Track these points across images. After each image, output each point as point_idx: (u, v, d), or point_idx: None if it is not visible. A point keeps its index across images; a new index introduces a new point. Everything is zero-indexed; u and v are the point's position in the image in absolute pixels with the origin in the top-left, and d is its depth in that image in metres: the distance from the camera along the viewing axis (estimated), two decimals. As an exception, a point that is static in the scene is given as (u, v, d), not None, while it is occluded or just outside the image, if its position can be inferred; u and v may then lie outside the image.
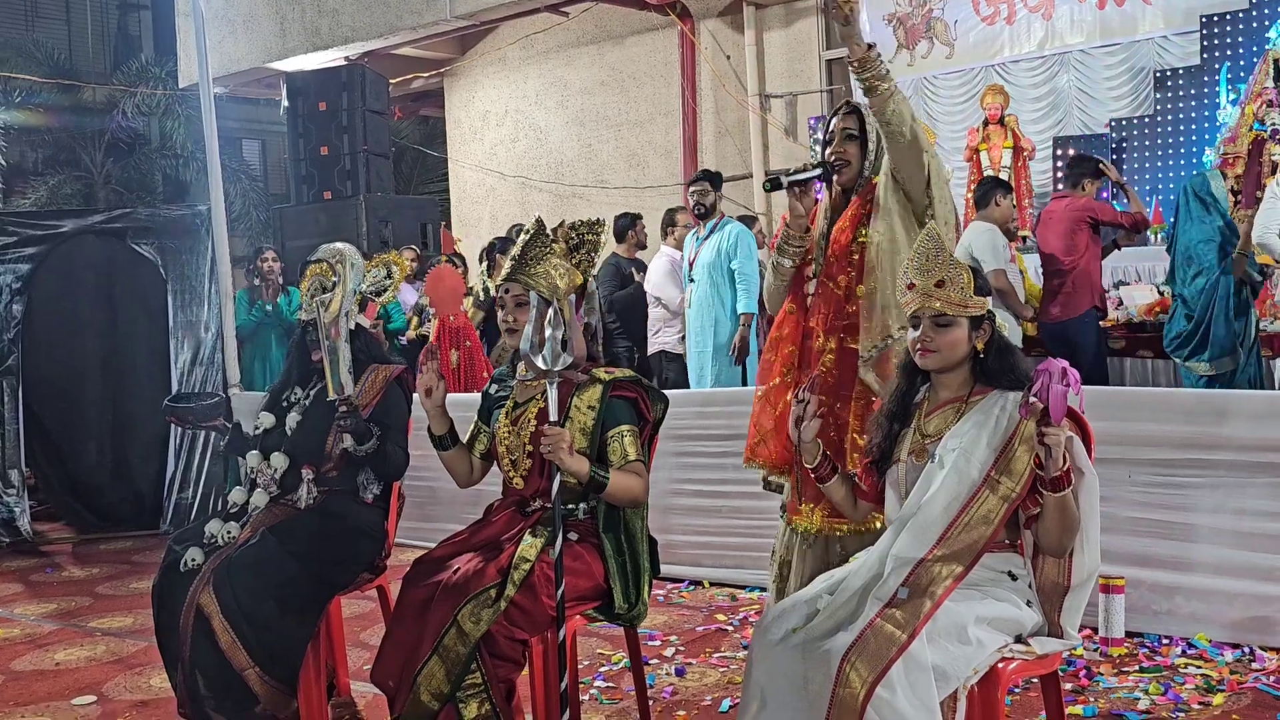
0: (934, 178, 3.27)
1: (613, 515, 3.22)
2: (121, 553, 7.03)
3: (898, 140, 3.21)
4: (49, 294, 7.58)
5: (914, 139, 3.22)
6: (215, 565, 3.47)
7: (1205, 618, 4.14)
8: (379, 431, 3.67)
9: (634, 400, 3.23)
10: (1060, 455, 2.42)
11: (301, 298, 3.72)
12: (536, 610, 2.99)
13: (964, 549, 2.52)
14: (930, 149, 3.28)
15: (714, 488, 5.39)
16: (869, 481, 2.86)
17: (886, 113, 3.19)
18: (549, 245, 3.21)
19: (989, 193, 6.64)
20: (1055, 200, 7.16)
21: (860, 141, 3.41)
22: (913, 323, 2.72)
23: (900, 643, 2.37)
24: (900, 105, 3.19)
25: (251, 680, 3.42)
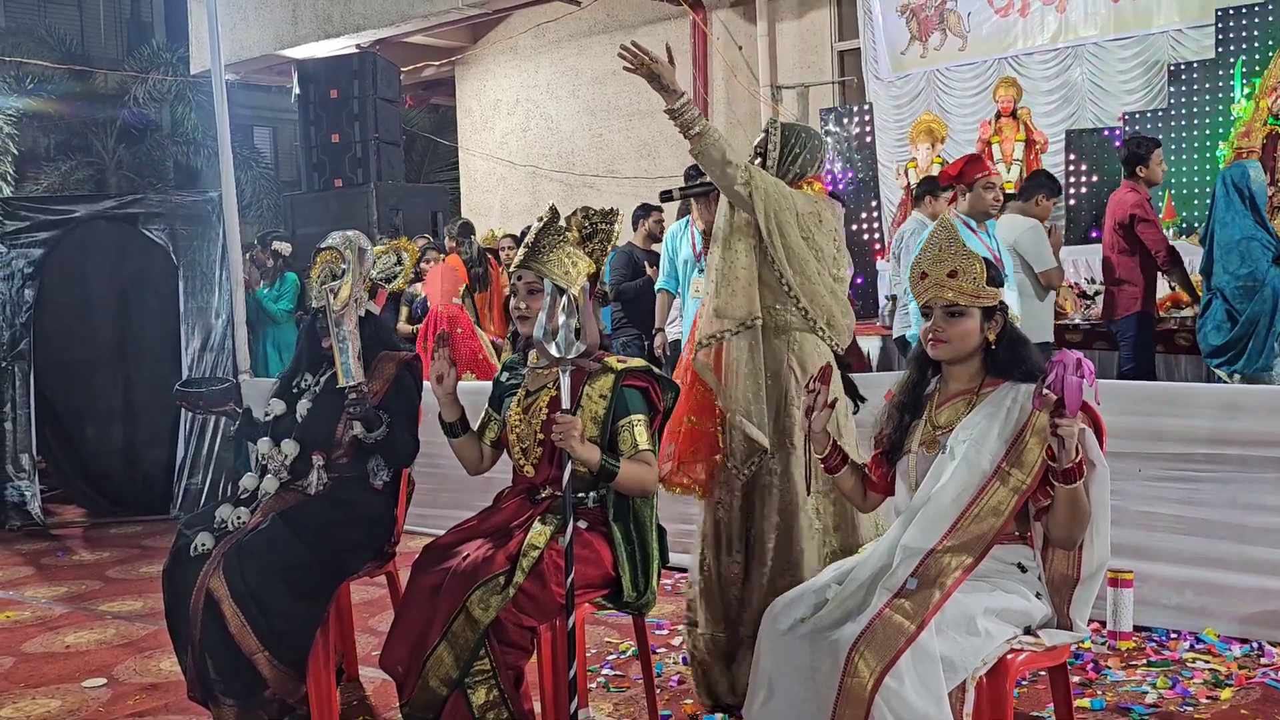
0: (767, 221, 3.44)
1: (622, 504, 3.23)
2: (132, 537, 7.05)
3: (716, 181, 3.47)
4: (61, 279, 7.60)
5: (728, 182, 3.43)
6: (225, 550, 3.48)
7: (1214, 612, 4.14)
8: (388, 418, 3.68)
9: (645, 389, 3.24)
10: (1073, 447, 2.42)
11: (312, 284, 3.72)
12: (545, 598, 2.99)
13: (973, 540, 2.52)
14: (774, 196, 3.43)
15: (723, 478, 5.38)
16: (879, 472, 2.86)
17: (697, 158, 3.45)
18: (562, 234, 3.21)
19: (1035, 189, 6.57)
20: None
21: (761, 162, 3.62)
22: (924, 313, 2.72)
23: (909, 633, 2.38)
24: (709, 150, 3.40)
25: (261, 664, 3.43)
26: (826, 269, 3.54)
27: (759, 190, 3.40)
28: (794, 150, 3.62)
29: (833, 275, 3.56)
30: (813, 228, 3.51)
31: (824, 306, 3.51)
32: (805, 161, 3.63)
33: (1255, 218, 5.89)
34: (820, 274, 3.51)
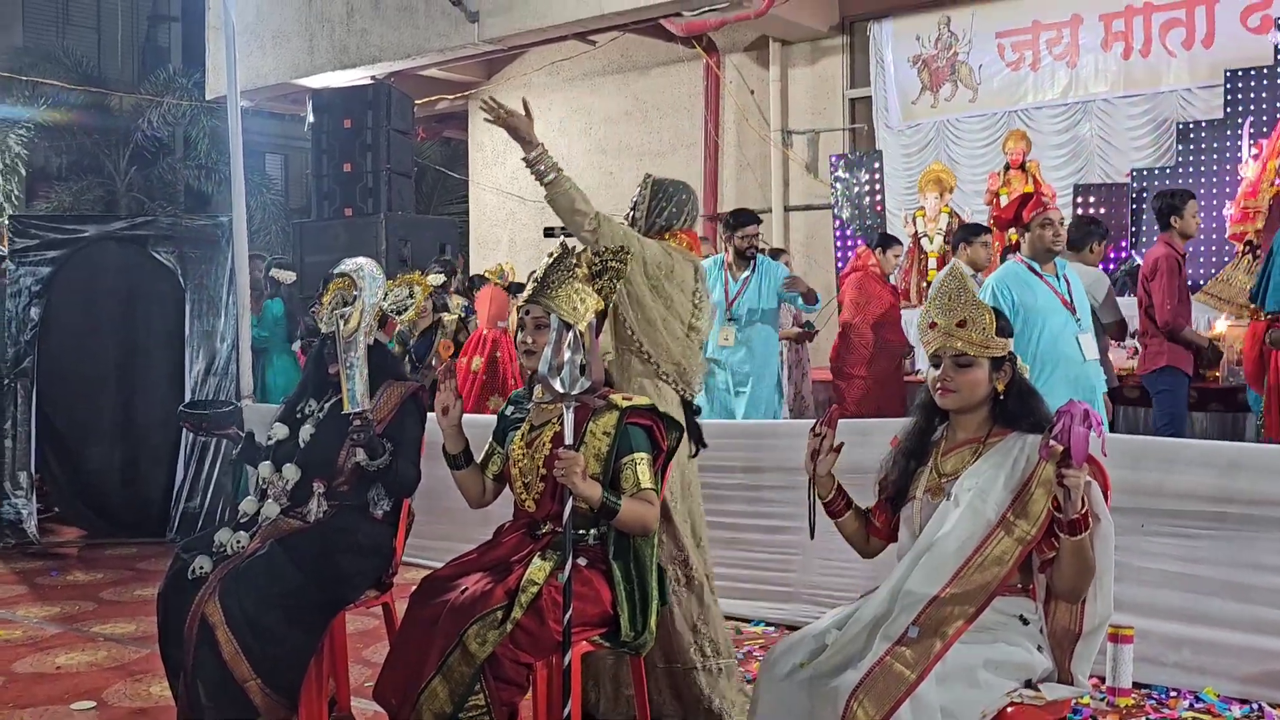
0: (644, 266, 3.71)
1: (623, 542, 3.21)
2: (126, 559, 7.02)
3: (568, 226, 3.72)
4: (67, 298, 7.61)
5: (576, 228, 3.69)
6: (222, 574, 3.47)
7: (1214, 671, 4.10)
8: (391, 448, 3.67)
9: (649, 428, 3.23)
10: (1079, 498, 2.41)
11: (323, 310, 3.72)
12: (542, 634, 2.97)
13: (976, 589, 2.50)
14: (619, 243, 3.59)
15: (725, 519, 5.36)
16: (882, 518, 2.85)
17: (550, 204, 3.71)
18: (572, 269, 3.22)
19: (1088, 237, 6.57)
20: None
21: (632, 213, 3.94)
22: (933, 362, 2.72)
23: (909, 682, 2.36)
24: (559, 198, 3.68)
25: (253, 692, 3.41)
26: (676, 318, 3.79)
27: (604, 237, 3.60)
28: (660, 204, 3.93)
29: (686, 324, 3.81)
30: (662, 278, 3.76)
31: (668, 353, 3.75)
32: (671, 215, 3.92)
33: None
34: (668, 321, 3.76)
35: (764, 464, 5.26)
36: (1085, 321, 5.32)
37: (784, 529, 5.15)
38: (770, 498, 5.23)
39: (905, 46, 11.81)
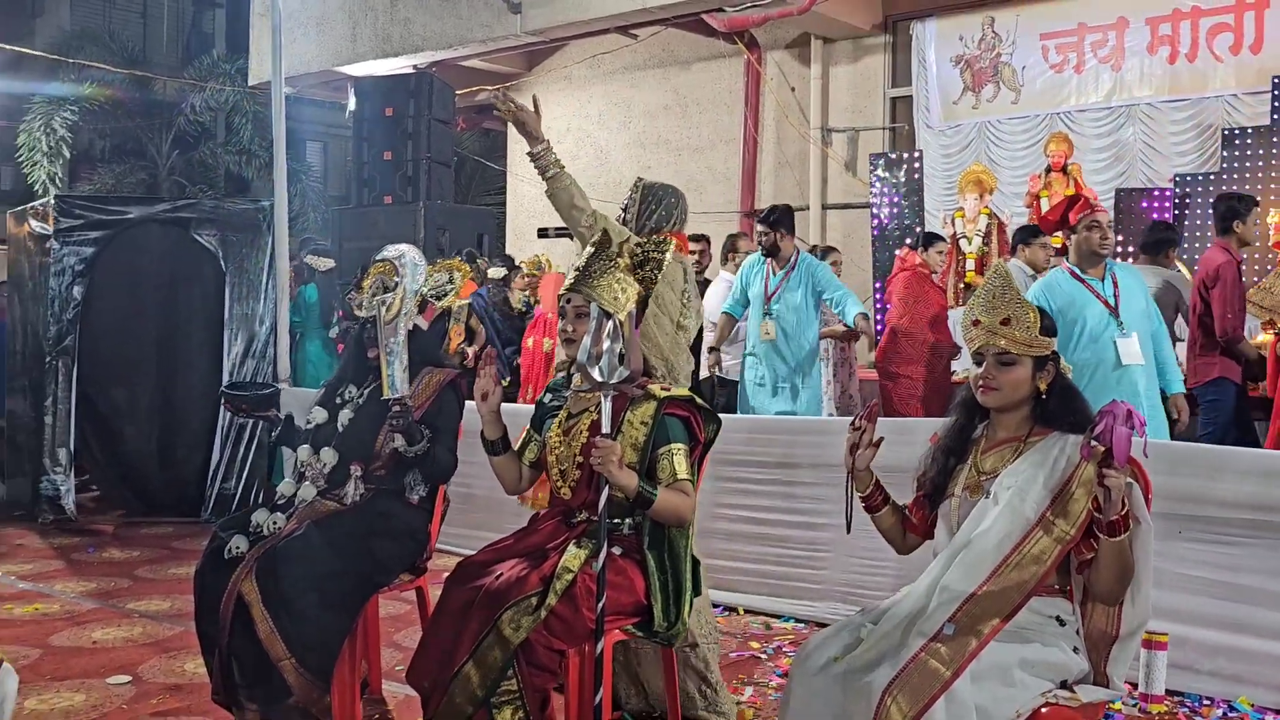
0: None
1: (658, 532, 3.22)
2: (162, 538, 7.10)
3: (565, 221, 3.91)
4: (110, 278, 7.69)
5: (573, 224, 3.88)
6: (259, 554, 3.50)
7: (1250, 680, 4.07)
8: (429, 434, 3.69)
9: (687, 419, 3.23)
10: (1119, 499, 2.40)
11: (364, 295, 3.75)
12: (576, 622, 2.98)
13: (1013, 587, 2.49)
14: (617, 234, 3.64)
15: (757, 514, 5.37)
16: (919, 514, 2.84)
17: (550, 199, 3.86)
18: (614, 259, 3.22)
19: (1165, 244, 6.53)
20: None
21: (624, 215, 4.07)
22: (976, 360, 2.70)
23: (944, 679, 2.35)
24: (559, 193, 3.87)
25: (287, 671, 3.44)
26: (666, 315, 3.89)
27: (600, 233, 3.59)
28: (650, 207, 4.05)
29: (675, 322, 3.91)
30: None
31: (658, 348, 3.83)
32: (661, 217, 4.03)
33: None
34: (658, 318, 3.84)
35: (799, 460, 5.25)
36: (1132, 324, 5.23)
37: (817, 525, 5.15)
38: (804, 494, 5.22)
39: (948, 46, 11.72)
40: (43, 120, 18.77)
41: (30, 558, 6.47)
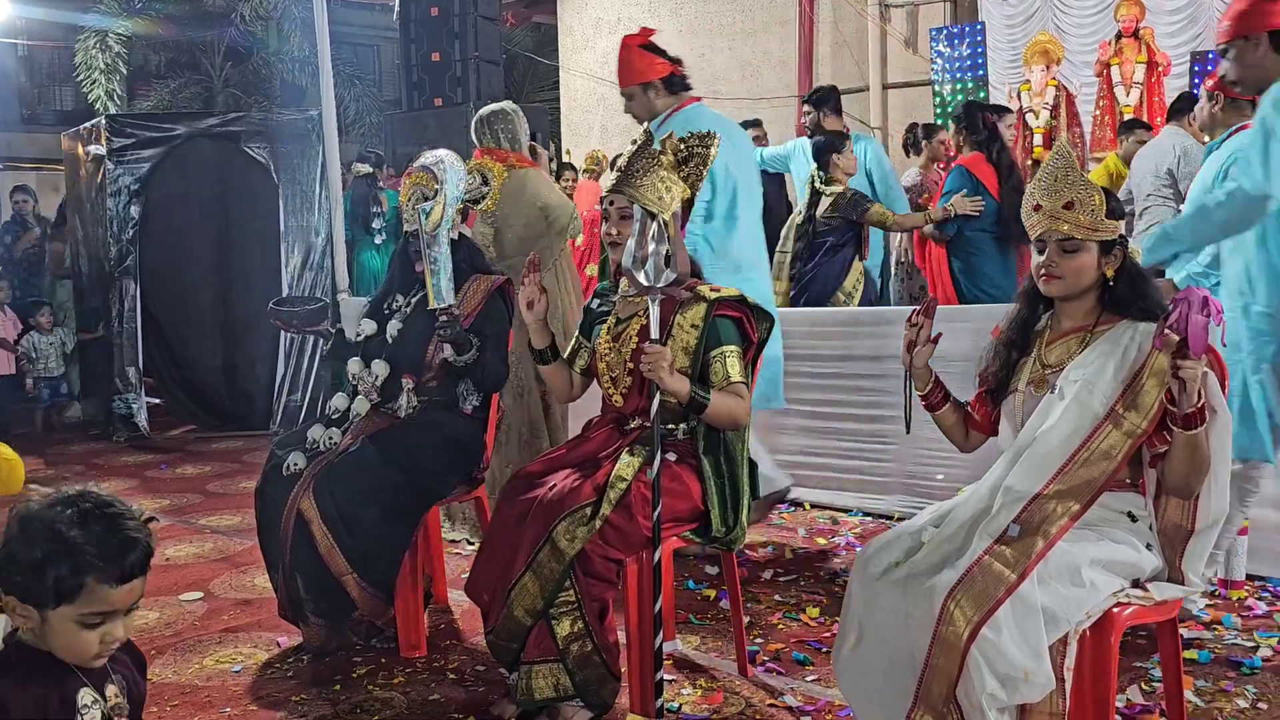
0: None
1: (713, 437, 3.14)
2: (233, 452, 7.19)
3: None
4: (165, 196, 7.70)
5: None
6: (316, 471, 3.49)
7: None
8: (479, 342, 3.63)
9: (738, 320, 3.13)
10: (1195, 391, 2.26)
11: (403, 206, 3.67)
12: (632, 530, 2.93)
13: (1082, 485, 2.38)
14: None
15: (820, 409, 5.28)
16: (983, 411, 2.73)
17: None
18: (657, 158, 3.09)
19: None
20: None
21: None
22: (1038, 247, 2.56)
23: (1009, 582, 2.26)
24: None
25: (349, 585, 3.45)
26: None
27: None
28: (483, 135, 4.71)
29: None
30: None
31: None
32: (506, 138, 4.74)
33: None
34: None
35: (858, 352, 5.13)
36: None
37: (880, 418, 5.05)
38: (865, 386, 5.12)
39: (1012, -89, 11.20)
40: (97, 38, 18.75)
41: (106, 476, 6.59)
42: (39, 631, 1.80)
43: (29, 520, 1.78)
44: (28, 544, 1.76)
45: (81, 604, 1.77)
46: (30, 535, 1.77)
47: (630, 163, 3.11)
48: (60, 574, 1.75)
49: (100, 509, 1.80)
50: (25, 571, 1.76)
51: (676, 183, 3.10)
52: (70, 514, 1.78)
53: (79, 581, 1.76)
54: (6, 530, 1.79)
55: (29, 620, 1.79)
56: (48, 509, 1.79)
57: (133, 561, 1.80)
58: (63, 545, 1.75)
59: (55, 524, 1.76)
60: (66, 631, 1.78)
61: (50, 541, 1.76)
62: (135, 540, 1.81)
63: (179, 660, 3.62)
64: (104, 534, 1.78)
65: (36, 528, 1.77)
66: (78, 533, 1.76)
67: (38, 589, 1.75)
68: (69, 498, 1.81)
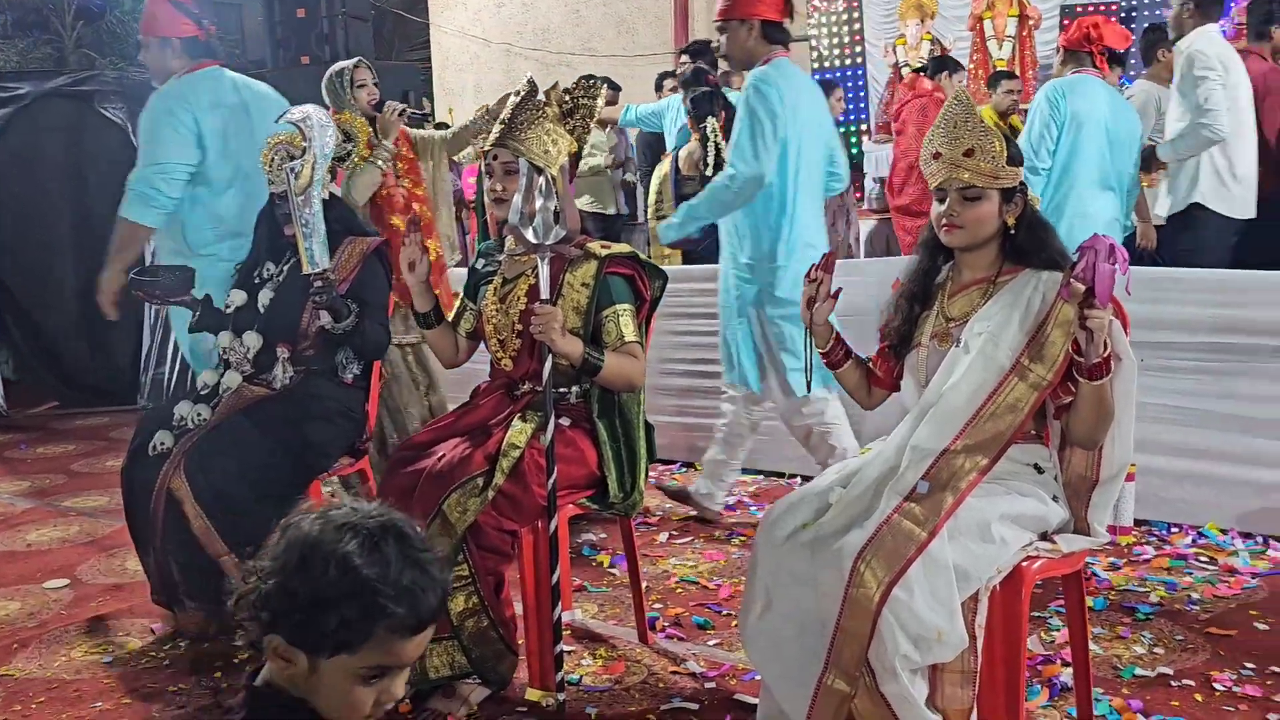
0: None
1: (607, 399, 3.03)
2: (98, 429, 6.86)
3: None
4: (14, 159, 7.26)
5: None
6: (186, 449, 3.30)
7: (1216, 506, 4.01)
8: (357, 308, 3.46)
9: (631, 277, 3.02)
10: (1101, 340, 2.22)
11: (265, 168, 3.46)
12: (526, 499, 2.82)
13: (989, 439, 2.34)
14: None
15: (708, 367, 5.20)
16: (885, 367, 2.67)
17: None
18: (541, 109, 2.95)
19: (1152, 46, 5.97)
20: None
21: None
22: (938, 196, 2.49)
23: (919, 541, 2.21)
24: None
25: (228, 567, 3.27)
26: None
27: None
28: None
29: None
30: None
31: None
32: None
33: None
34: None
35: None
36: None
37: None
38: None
39: None
40: (-65, -5, 17.73)
41: (-41, 458, 6.22)
42: (302, 680, 1.48)
43: (313, 549, 1.44)
44: (310, 578, 1.43)
45: (365, 655, 1.45)
46: (314, 568, 1.43)
47: (514, 115, 2.96)
48: (347, 618, 1.42)
49: (399, 540, 1.47)
50: (303, 610, 1.43)
51: (563, 135, 2.96)
52: (362, 544, 1.44)
53: (368, 629, 1.43)
54: (280, 558, 1.46)
55: (293, 667, 1.47)
56: (335, 535, 1.45)
57: (432, 608, 1.48)
58: (355, 584, 1.42)
59: (347, 557, 1.43)
60: (339, 686, 1.47)
61: (340, 578, 1.42)
62: (435, 581, 1.49)
63: (44, 653, 3.40)
64: (401, 572, 1.45)
65: (322, 559, 1.43)
66: (373, 570, 1.43)
67: (315, 633, 1.43)
68: (358, 523, 1.47)
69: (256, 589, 1.46)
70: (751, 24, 4.18)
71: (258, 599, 1.46)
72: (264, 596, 1.45)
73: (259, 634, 1.48)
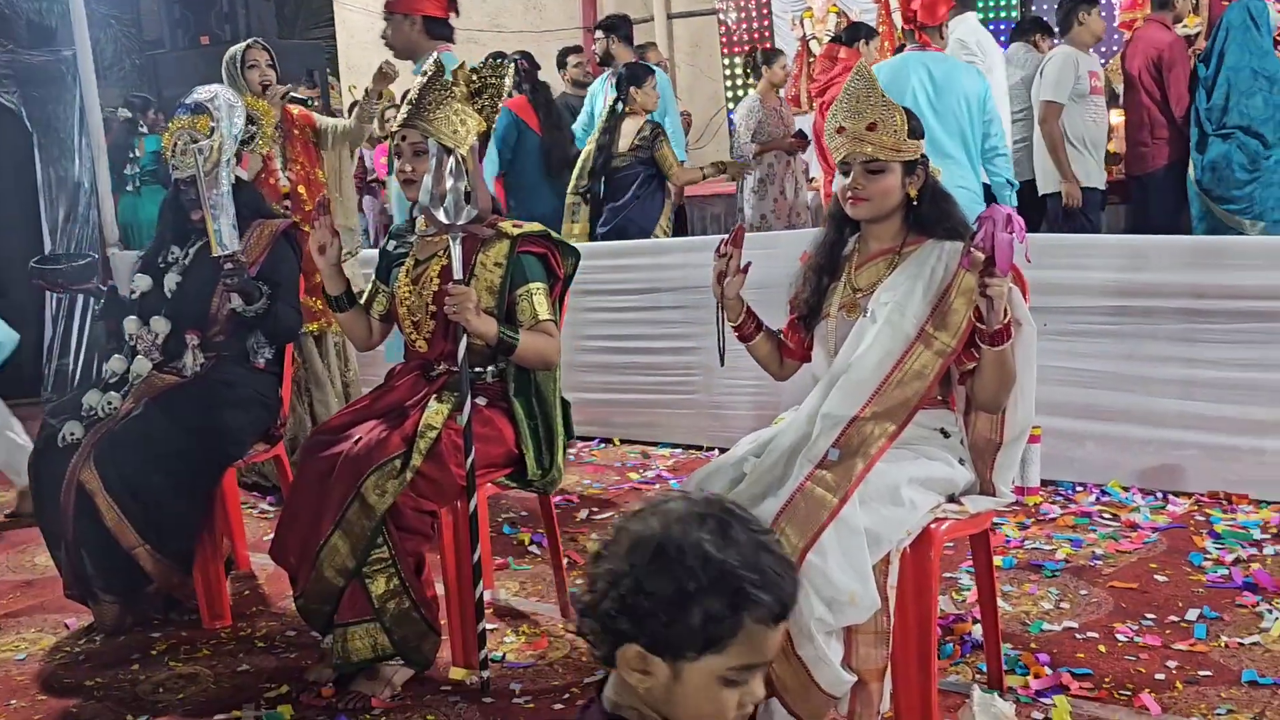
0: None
1: (523, 378, 3.05)
2: (1, 422, 6.66)
3: None
4: (-100, 150, 7.03)
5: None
6: (96, 439, 3.26)
7: (1118, 465, 4.15)
8: (268, 290, 3.43)
9: (543, 255, 3.04)
10: (1002, 307, 2.29)
11: (167, 153, 3.41)
12: (445, 480, 2.83)
13: (897, 406, 2.40)
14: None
15: (625, 343, 5.24)
16: (796, 339, 2.71)
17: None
18: (450, 89, 2.94)
19: (1070, 12, 6.03)
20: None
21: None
22: (843, 169, 2.54)
23: (831, 506, 2.26)
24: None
25: (142, 558, 3.25)
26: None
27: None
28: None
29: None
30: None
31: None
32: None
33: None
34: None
35: (663, 284, 5.11)
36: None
37: (687, 350, 5.04)
38: (671, 318, 5.10)
39: None
40: None
41: None
42: (661, 693, 1.34)
43: (665, 544, 1.32)
44: (668, 574, 1.30)
45: (734, 652, 1.32)
46: (669, 563, 1.31)
47: (421, 95, 2.95)
48: (712, 612, 1.29)
49: (742, 525, 1.35)
50: (664, 611, 1.30)
51: (472, 115, 2.95)
52: (713, 532, 1.32)
53: (737, 622, 1.30)
54: (627, 560, 1.33)
55: (651, 679, 1.33)
56: (681, 526, 1.33)
57: (792, 594, 1.36)
58: (718, 574, 1.30)
59: (702, 546, 1.30)
60: (704, 692, 1.33)
61: (702, 569, 1.30)
62: (788, 565, 1.38)
63: (-46, 653, 3.33)
64: (758, 557, 1.33)
65: (678, 551, 1.31)
66: (733, 558, 1.31)
67: (679, 634, 1.30)
68: (702, 512, 1.35)
69: (607, 597, 1.34)
70: (414, 19, 4.23)
71: (611, 608, 1.33)
72: (618, 603, 1.33)
73: (609, 648, 1.35)
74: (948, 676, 2.79)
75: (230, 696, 2.93)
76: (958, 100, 4.96)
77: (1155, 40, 5.96)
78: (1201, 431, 4.04)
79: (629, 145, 5.90)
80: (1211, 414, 4.02)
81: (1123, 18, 7.90)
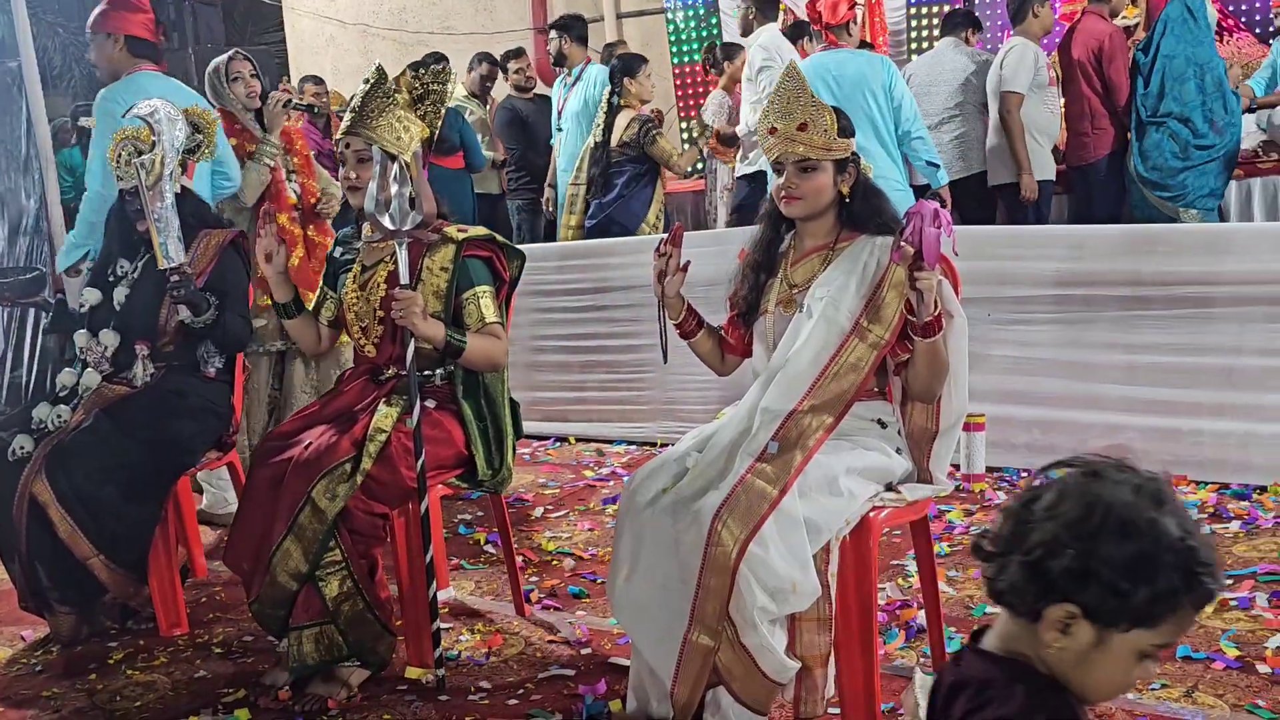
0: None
1: (472, 380, 3.09)
2: (-47, 438, 6.63)
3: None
4: None
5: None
6: (47, 452, 3.26)
7: (1062, 450, 4.19)
8: (216, 300, 3.45)
9: (489, 259, 3.08)
10: (932, 300, 2.36)
11: (111, 165, 3.42)
12: (395, 482, 2.86)
13: (834, 399, 2.46)
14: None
15: (576, 343, 5.29)
16: (736, 335, 2.77)
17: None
18: (391, 96, 2.98)
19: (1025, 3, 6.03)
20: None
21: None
22: (776, 169, 2.60)
23: (771, 498, 2.32)
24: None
25: (97, 569, 3.26)
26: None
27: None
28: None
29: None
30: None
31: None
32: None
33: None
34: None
35: (611, 283, 5.16)
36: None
37: (637, 347, 5.10)
38: (620, 316, 5.15)
39: None
40: None
41: None
42: (1073, 656, 1.35)
43: (1134, 518, 1.31)
44: (1134, 546, 1.30)
45: (1164, 630, 1.33)
46: (1138, 536, 1.30)
47: (364, 103, 2.98)
48: (1161, 590, 1.30)
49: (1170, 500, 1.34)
50: (1122, 580, 1.30)
51: (414, 121, 3.00)
52: (1170, 512, 1.32)
53: (1176, 602, 1.32)
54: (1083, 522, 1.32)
55: (1066, 640, 1.34)
56: (1145, 502, 1.32)
57: (1223, 582, 1.35)
58: (1181, 555, 1.30)
59: (1167, 525, 1.31)
60: (1121, 663, 1.34)
61: (1169, 549, 1.30)
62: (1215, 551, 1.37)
63: (-91, 669, 3.33)
64: (1203, 542, 1.33)
65: (1149, 527, 1.31)
66: (1192, 541, 1.31)
67: (1125, 605, 1.31)
68: (1152, 488, 1.34)
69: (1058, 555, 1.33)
70: (118, 38, 4.27)
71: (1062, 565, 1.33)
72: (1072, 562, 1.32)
73: (1035, 600, 1.35)
74: (893, 661, 2.86)
75: (188, 703, 2.95)
76: (863, 94, 5.04)
77: (1095, 31, 6.04)
78: (1142, 414, 4.13)
79: (618, 140, 5.89)
80: (1151, 397, 4.12)
81: (1064, 9, 8.01)
